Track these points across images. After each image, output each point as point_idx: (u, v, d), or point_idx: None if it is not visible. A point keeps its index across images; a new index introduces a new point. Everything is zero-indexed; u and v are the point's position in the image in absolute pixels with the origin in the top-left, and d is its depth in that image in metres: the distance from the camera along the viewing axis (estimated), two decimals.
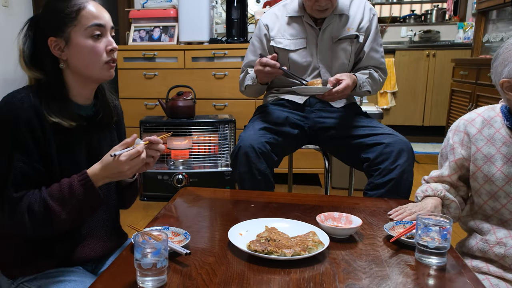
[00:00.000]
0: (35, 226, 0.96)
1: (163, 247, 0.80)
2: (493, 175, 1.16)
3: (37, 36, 1.04)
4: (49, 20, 1.02)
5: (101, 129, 1.14)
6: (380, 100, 4.67)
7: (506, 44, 1.10)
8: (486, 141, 1.18)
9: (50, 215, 0.96)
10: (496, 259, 1.15)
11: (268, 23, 1.77)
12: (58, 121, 1.00)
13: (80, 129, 1.06)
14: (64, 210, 0.96)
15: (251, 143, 1.52)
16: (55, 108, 1.01)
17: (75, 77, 1.05)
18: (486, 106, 1.24)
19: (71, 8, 1.00)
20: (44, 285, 1.03)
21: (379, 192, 1.50)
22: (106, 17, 1.04)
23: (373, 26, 1.73)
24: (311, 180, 3.26)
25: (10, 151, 0.96)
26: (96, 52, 1.02)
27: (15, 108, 0.96)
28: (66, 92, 1.05)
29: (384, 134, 1.58)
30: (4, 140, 0.96)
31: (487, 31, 3.78)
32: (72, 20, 1.00)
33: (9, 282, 1.07)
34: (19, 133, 0.95)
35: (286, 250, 0.92)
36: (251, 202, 1.35)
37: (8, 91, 1.02)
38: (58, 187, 0.98)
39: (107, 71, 1.06)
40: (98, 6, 1.04)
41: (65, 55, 1.02)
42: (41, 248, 1.05)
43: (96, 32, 1.02)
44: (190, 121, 2.80)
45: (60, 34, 1.01)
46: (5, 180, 0.95)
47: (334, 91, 1.55)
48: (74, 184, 0.97)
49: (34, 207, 0.95)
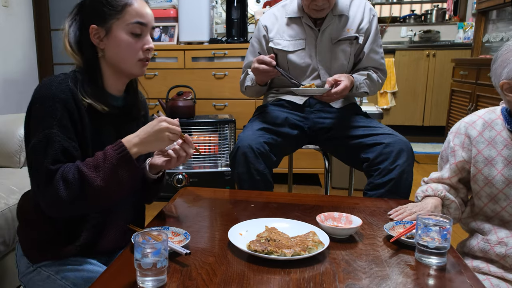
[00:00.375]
0: (70, 195, 0.95)
1: (163, 247, 0.80)
2: (494, 178, 1.16)
3: (81, 21, 1.08)
4: (95, 9, 1.05)
5: (129, 120, 1.17)
6: (380, 100, 4.67)
7: (505, 46, 1.10)
8: (487, 143, 1.18)
9: (84, 181, 0.95)
10: (497, 259, 1.15)
11: (267, 24, 1.76)
12: (91, 102, 1.03)
13: (110, 117, 1.09)
14: (98, 175, 0.95)
15: (249, 144, 1.52)
16: (89, 91, 1.04)
17: (110, 68, 1.09)
18: (487, 109, 1.24)
19: (119, 2, 1.03)
20: (61, 271, 1.06)
21: (379, 192, 1.50)
22: (149, 17, 1.07)
23: (373, 27, 1.72)
24: (311, 180, 3.26)
25: (49, 127, 0.97)
26: (133, 48, 1.06)
27: (54, 89, 0.99)
28: (101, 81, 1.08)
29: (384, 134, 1.58)
30: (43, 116, 0.98)
31: (487, 31, 3.78)
32: (117, 13, 1.03)
33: (28, 264, 1.09)
34: (57, 111, 0.98)
35: (286, 250, 0.92)
36: (251, 202, 1.35)
37: (8, 91, 1.03)
38: (92, 157, 0.99)
39: (140, 68, 1.10)
40: (144, 5, 1.07)
41: (103, 45, 1.06)
42: (65, 235, 1.07)
43: (136, 29, 1.05)
44: (190, 121, 2.80)
45: (102, 24, 1.04)
46: (44, 154, 0.96)
47: (333, 92, 1.55)
48: (108, 150, 0.98)
49: (68, 175, 0.95)
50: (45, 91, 0.99)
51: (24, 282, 1.12)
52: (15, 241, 1.64)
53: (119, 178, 0.98)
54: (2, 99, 3.23)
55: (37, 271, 1.08)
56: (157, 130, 1.00)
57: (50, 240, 1.07)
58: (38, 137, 0.97)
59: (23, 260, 1.11)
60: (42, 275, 1.07)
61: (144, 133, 1.00)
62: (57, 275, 1.06)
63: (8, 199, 1.64)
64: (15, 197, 1.68)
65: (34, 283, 1.08)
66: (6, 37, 3.26)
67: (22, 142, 1.99)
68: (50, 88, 0.99)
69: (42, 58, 3.81)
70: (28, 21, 3.58)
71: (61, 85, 1.00)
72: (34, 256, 1.09)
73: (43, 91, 0.99)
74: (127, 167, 0.98)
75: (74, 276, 1.05)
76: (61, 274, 1.06)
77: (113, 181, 0.97)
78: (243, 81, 1.81)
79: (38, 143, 0.97)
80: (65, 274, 1.05)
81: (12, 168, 1.99)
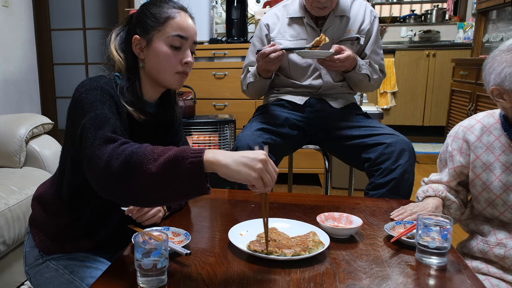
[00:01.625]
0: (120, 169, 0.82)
1: (164, 247, 0.80)
2: (491, 183, 1.16)
3: (128, 31, 1.12)
4: (140, 20, 1.08)
5: (159, 129, 1.18)
6: (380, 100, 4.67)
7: (491, 53, 1.12)
8: (485, 148, 1.18)
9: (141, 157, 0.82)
10: (496, 260, 1.15)
11: (269, 23, 1.76)
12: (131, 111, 1.05)
13: (143, 125, 1.10)
14: (156, 161, 0.80)
15: (248, 144, 1.52)
16: (129, 99, 1.06)
17: (147, 77, 1.10)
18: (486, 112, 1.23)
19: (162, 14, 1.06)
20: (70, 266, 1.07)
21: (380, 192, 1.50)
22: (191, 31, 1.08)
23: (374, 29, 1.73)
24: (311, 180, 3.26)
25: (101, 108, 0.97)
26: (171, 60, 1.06)
27: (102, 83, 1.01)
28: (140, 91, 1.10)
29: (386, 134, 1.58)
30: (92, 102, 0.98)
31: (487, 31, 3.78)
32: (159, 25, 1.05)
33: (38, 256, 1.11)
34: (106, 100, 0.99)
35: (287, 250, 0.92)
36: (251, 202, 1.35)
37: (8, 91, 1.03)
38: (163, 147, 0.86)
39: (177, 81, 1.10)
40: (187, 20, 1.08)
41: (143, 55, 1.08)
42: (84, 229, 1.09)
43: (176, 42, 1.06)
44: (190, 121, 2.80)
45: (144, 35, 1.07)
46: (98, 128, 0.93)
47: (336, 58, 1.54)
48: (185, 148, 0.82)
49: (127, 146, 0.86)
50: (93, 84, 1.00)
51: (31, 274, 1.13)
52: (15, 241, 1.64)
53: (174, 178, 0.80)
54: (2, 99, 3.23)
55: (46, 263, 1.09)
56: (253, 159, 0.80)
57: (66, 234, 1.09)
58: (89, 117, 0.94)
59: (33, 252, 1.12)
60: (51, 268, 1.08)
61: (237, 155, 0.82)
62: (66, 269, 1.07)
63: (8, 199, 1.64)
64: (15, 197, 1.68)
65: (42, 275, 1.09)
66: (6, 37, 3.26)
67: (22, 142, 1.99)
68: (98, 82, 1.01)
69: (42, 58, 3.81)
70: (28, 21, 3.58)
71: (109, 83, 1.03)
72: (46, 247, 1.10)
73: (91, 84, 1.00)
74: (193, 176, 0.79)
75: (83, 272, 1.06)
76: (69, 269, 1.07)
77: (169, 179, 0.80)
78: (244, 80, 1.80)
79: (89, 121, 0.93)
80: (73, 269, 1.07)
81: (12, 168, 2.00)
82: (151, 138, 1.11)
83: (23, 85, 3.52)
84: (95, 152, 0.88)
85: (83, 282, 1.04)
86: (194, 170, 0.79)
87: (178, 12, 1.07)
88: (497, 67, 1.08)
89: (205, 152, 0.80)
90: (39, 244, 1.11)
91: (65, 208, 1.09)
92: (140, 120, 1.08)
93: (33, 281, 1.12)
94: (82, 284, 1.04)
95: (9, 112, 3.21)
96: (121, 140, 0.90)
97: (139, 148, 0.85)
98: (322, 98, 1.75)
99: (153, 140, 1.03)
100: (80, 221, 1.09)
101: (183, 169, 0.79)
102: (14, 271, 1.71)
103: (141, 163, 0.81)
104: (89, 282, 1.03)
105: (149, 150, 0.83)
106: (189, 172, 0.79)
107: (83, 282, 1.04)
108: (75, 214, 1.09)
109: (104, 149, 0.87)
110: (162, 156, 0.81)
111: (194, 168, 0.79)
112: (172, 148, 0.83)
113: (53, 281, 1.07)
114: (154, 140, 1.02)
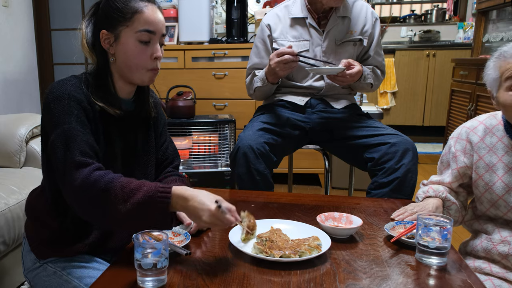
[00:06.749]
0: (90, 203, 0.91)
1: (164, 247, 0.80)
2: (494, 184, 1.16)
3: (95, 24, 1.07)
4: (106, 14, 1.04)
5: (138, 124, 1.16)
6: (380, 100, 4.67)
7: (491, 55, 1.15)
8: (488, 149, 1.18)
9: (111, 196, 0.90)
10: (499, 258, 1.15)
11: (270, 24, 1.76)
12: (103, 106, 1.03)
13: (119, 121, 1.08)
14: (127, 202, 0.89)
15: (250, 144, 1.52)
16: (102, 96, 1.04)
17: (119, 73, 1.08)
18: (488, 114, 1.24)
19: (129, 9, 1.02)
20: (67, 267, 1.07)
21: (383, 191, 1.50)
22: (159, 25, 1.05)
23: (376, 30, 1.74)
24: (311, 180, 3.26)
25: (68, 122, 0.96)
26: (141, 57, 1.04)
27: (69, 89, 0.99)
28: (113, 86, 1.07)
29: (389, 134, 1.58)
30: (60, 114, 0.97)
31: (487, 31, 3.78)
32: (126, 20, 1.02)
33: (35, 260, 1.10)
34: (74, 109, 0.98)
35: (276, 251, 0.92)
36: (251, 202, 1.35)
37: (8, 91, 1.02)
38: (134, 181, 0.93)
39: (148, 78, 1.08)
40: (155, 13, 1.05)
41: (113, 50, 1.05)
42: (74, 234, 1.08)
43: (145, 37, 1.03)
44: (190, 121, 2.80)
45: (112, 30, 1.03)
46: (66, 148, 0.94)
47: (348, 73, 1.56)
48: (153, 189, 0.90)
49: (97, 178, 0.91)
50: (59, 91, 0.99)
51: (30, 278, 1.13)
52: (15, 241, 1.64)
53: (142, 218, 0.90)
54: (2, 99, 3.22)
55: (44, 267, 1.09)
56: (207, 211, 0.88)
57: (59, 238, 1.08)
58: (57, 133, 0.95)
59: (30, 256, 1.11)
60: (48, 271, 1.08)
61: (197, 202, 0.89)
62: (63, 271, 1.07)
63: (8, 199, 1.64)
64: (15, 197, 1.68)
65: (40, 278, 1.09)
66: (6, 37, 3.26)
67: (22, 142, 1.99)
68: (65, 88, 0.99)
69: (42, 58, 3.81)
70: (28, 21, 3.58)
71: (75, 86, 1.01)
72: (41, 252, 1.10)
73: (57, 91, 0.99)
74: (158, 215, 0.90)
75: (80, 272, 1.06)
76: (67, 270, 1.06)
77: (135, 216, 0.90)
78: (251, 83, 1.78)
79: (58, 138, 0.95)
80: (71, 270, 1.06)
81: (12, 168, 1.99)
82: (132, 135, 1.11)
83: (23, 85, 3.52)
84: (66, 178, 0.93)
85: (81, 282, 1.04)
86: (161, 212, 0.90)
87: (145, 5, 1.03)
88: (487, 70, 1.13)
89: (172, 194, 0.90)
90: (34, 249, 1.10)
91: (52, 211, 1.07)
92: (116, 115, 1.05)
93: (33, 284, 1.12)
94: (80, 284, 1.04)
95: (9, 112, 3.21)
96: (91, 166, 0.93)
97: (109, 183, 0.91)
98: (323, 99, 1.75)
99: (135, 138, 1.03)
100: (67, 224, 1.07)
101: (151, 210, 0.89)
102: (14, 271, 1.71)
103: (112, 203, 0.90)
104: (87, 282, 1.03)
105: (119, 188, 0.90)
106: (156, 213, 0.90)
107: (81, 282, 1.04)
108: (61, 217, 1.07)
109: (74, 175, 0.92)
110: (132, 197, 0.89)
111: (161, 209, 0.90)
112: (142, 187, 0.90)
113: (52, 283, 1.07)
114: (136, 136, 1.02)
